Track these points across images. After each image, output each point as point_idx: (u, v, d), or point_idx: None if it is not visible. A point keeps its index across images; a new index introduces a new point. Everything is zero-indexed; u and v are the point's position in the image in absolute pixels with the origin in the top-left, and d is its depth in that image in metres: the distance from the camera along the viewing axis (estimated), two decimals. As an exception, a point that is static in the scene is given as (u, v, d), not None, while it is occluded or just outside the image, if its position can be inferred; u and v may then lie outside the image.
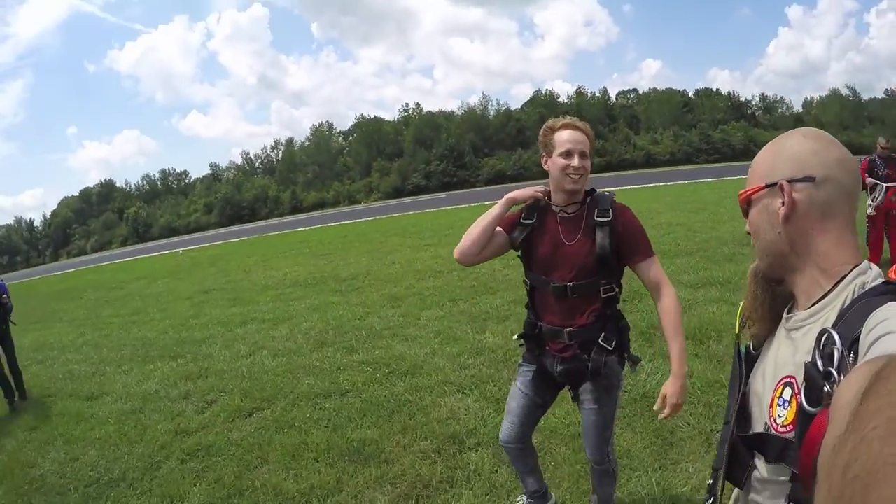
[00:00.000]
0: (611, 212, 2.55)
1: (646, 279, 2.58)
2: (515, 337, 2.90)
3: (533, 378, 2.79)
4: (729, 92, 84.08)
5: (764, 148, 1.26)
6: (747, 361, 1.37)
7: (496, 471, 3.75)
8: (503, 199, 2.64)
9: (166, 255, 29.45)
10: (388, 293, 9.64)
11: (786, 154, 1.19)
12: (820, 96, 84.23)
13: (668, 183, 28.39)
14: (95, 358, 8.43)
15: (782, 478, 1.13)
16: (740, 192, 1.26)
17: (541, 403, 2.85)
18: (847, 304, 1.06)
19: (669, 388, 2.45)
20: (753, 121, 79.25)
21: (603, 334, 2.60)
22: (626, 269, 2.66)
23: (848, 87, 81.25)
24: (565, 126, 2.59)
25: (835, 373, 0.90)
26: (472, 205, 28.40)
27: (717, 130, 73.15)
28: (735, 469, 1.28)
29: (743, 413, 1.31)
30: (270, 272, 14.58)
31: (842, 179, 1.14)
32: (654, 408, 2.52)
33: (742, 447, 1.25)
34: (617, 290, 2.65)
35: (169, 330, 9.58)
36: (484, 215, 2.63)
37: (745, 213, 1.27)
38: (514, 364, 5.41)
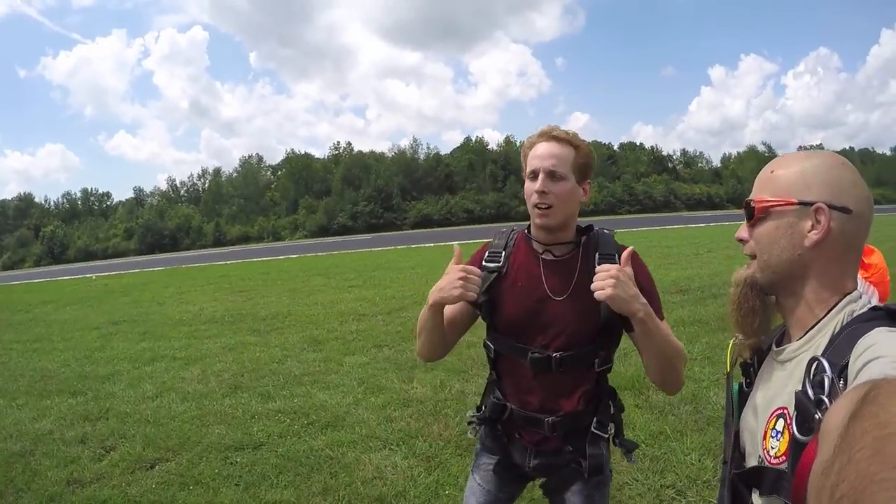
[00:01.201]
0: (617, 258, 1.89)
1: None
2: (470, 414, 2.14)
3: (496, 471, 2.10)
4: (652, 146, 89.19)
5: (786, 160, 1.22)
6: (740, 399, 1.36)
7: (427, 542, 3.41)
8: (429, 301, 1.86)
9: (79, 279, 28.11)
10: (309, 335, 9.25)
11: (823, 175, 1.15)
12: (738, 152, 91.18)
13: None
14: (-12, 389, 7.68)
15: None
16: (758, 197, 1.20)
17: (506, 499, 2.17)
18: (837, 330, 1.08)
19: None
20: (674, 174, 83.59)
21: (596, 419, 1.96)
22: None
23: (764, 144, 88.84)
24: (541, 136, 1.94)
25: (826, 400, 0.91)
26: (399, 247, 28.43)
27: (639, 183, 76.50)
28: None
29: (737, 450, 1.30)
30: (186, 306, 13.94)
31: (868, 217, 1.15)
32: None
33: (739, 484, 1.23)
34: (612, 360, 2.02)
35: (72, 362, 8.89)
36: (420, 322, 1.96)
37: (752, 220, 1.22)
38: (445, 417, 5.19)
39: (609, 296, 1.64)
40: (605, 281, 1.65)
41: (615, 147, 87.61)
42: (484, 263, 2.03)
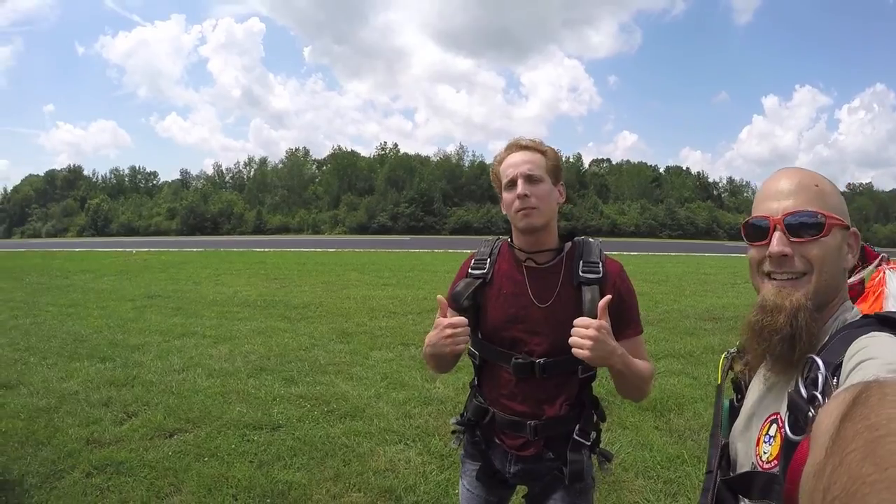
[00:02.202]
0: (601, 267, 1.93)
1: None
2: (453, 421, 2.18)
3: (479, 478, 2.13)
4: (698, 172, 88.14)
5: (807, 174, 1.18)
6: (731, 413, 1.37)
7: (433, 536, 3.40)
8: (425, 351, 1.98)
9: (119, 252, 28.59)
10: (338, 327, 9.29)
11: (842, 200, 1.18)
12: None
13: (633, 253, 28.71)
14: (22, 345, 7.89)
15: None
16: (830, 213, 1.12)
17: (496, 502, 2.19)
18: (831, 334, 1.10)
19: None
20: (719, 202, 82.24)
21: (578, 426, 1.97)
22: None
23: None
24: (509, 149, 1.99)
25: (819, 397, 0.92)
26: (436, 251, 28.36)
27: (683, 208, 75.47)
28: None
29: (726, 461, 1.30)
30: (221, 288, 14.11)
31: None
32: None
33: (726, 493, 1.22)
34: (596, 368, 1.98)
35: (104, 329, 9.06)
36: (424, 355, 2.03)
37: (819, 235, 1.12)
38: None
39: (588, 357, 1.70)
40: (584, 341, 1.69)
41: (661, 170, 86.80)
42: (470, 270, 2.09)
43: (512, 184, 1.90)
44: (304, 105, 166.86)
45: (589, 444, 1.99)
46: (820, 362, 0.96)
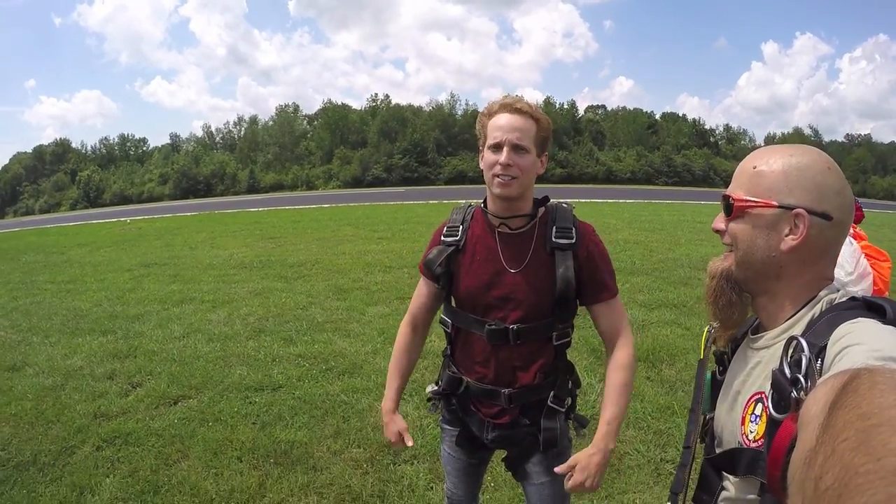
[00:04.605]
0: (574, 232, 1.94)
1: (603, 325, 2.00)
2: (429, 390, 2.24)
3: (458, 443, 2.20)
4: (695, 118, 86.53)
5: (770, 155, 1.17)
6: (713, 387, 1.36)
7: (431, 488, 3.55)
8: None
9: (114, 222, 28.40)
10: (334, 284, 9.39)
11: (808, 178, 1.12)
12: (783, 133, 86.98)
13: (628, 200, 28.71)
14: (24, 326, 7.93)
15: (751, 496, 1.14)
16: (737, 195, 1.18)
17: (477, 463, 2.29)
18: (816, 315, 1.09)
19: (583, 458, 1.83)
20: (716, 149, 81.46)
21: (553, 392, 2.02)
22: None
23: (811, 128, 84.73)
24: (503, 108, 1.90)
25: (802, 379, 0.92)
26: (431, 202, 28.29)
27: (679, 155, 74.73)
28: (703, 493, 1.29)
29: (710, 437, 1.34)
30: (217, 251, 14.11)
31: (848, 224, 1.15)
32: (556, 469, 1.87)
33: (710, 469, 1.27)
34: (571, 334, 2.05)
35: (103, 302, 9.10)
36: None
37: (730, 214, 1.20)
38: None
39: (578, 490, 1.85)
40: (577, 487, 1.82)
41: (657, 116, 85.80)
42: (442, 238, 2.10)
43: (497, 147, 1.88)
44: (292, 60, 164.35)
45: (563, 410, 2.05)
46: (805, 344, 0.95)
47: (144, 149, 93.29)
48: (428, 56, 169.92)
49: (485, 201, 2.05)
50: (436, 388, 2.22)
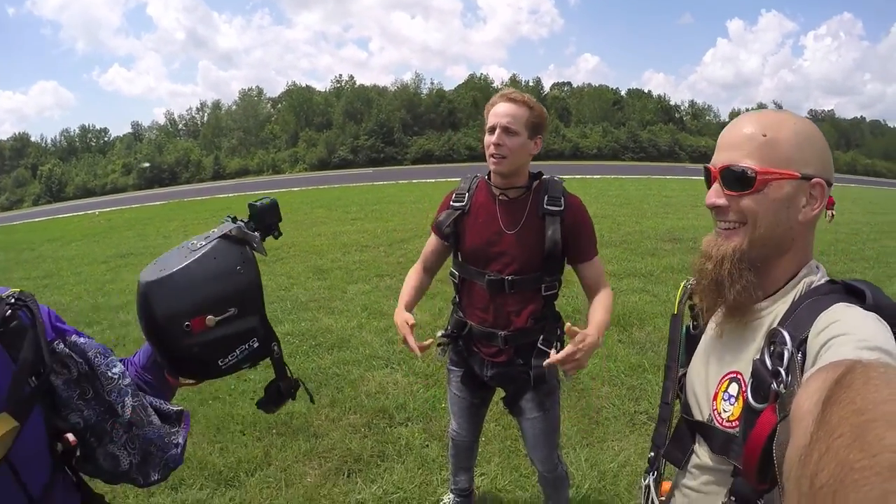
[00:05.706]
0: (562, 201, 2.26)
1: (586, 281, 2.34)
2: (439, 334, 2.55)
3: (462, 381, 2.61)
4: (660, 95, 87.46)
5: (773, 121, 1.12)
6: (688, 341, 1.40)
7: (427, 445, 3.80)
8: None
9: (81, 216, 27.92)
10: (313, 265, 9.54)
11: (817, 146, 1.12)
12: (747, 108, 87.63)
13: (595, 176, 29.21)
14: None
15: (723, 467, 1.16)
16: (761, 168, 1.08)
17: (479, 403, 2.70)
18: (796, 299, 1.10)
19: (579, 336, 1.99)
20: (681, 125, 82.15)
21: (542, 336, 2.36)
22: None
23: (775, 103, 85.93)
24: (501, 97, 2.24)
25: (783, 372, 0.94)
26: (400, 182, 28.39)
27: (645, 130, 75.46)
28: (675, 450, 1.34)
29: (684, 394, 1.36)
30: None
31: None
32: (548, 360, 2.05)
33: (685, 429, 1.30)
34: (558, 287, 2.40)
35: (83, 295, 9.05)
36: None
37: (750, 188, 1.10)
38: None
39: (584, 364, 2.09)
40: (573, 365, 2.04)
41: (622, 93, 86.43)
42: (451, 203, 2.43)
43: (492, 130, 2.19)
44: (253, 42, 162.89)
45: (551, 351, 2.27)
46: (786, 335, 0.96)
47: (106, 139, 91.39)
48: (392, 35, 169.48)
49: (489, 174, 2.36)
50: (445, 331, 2.55)
